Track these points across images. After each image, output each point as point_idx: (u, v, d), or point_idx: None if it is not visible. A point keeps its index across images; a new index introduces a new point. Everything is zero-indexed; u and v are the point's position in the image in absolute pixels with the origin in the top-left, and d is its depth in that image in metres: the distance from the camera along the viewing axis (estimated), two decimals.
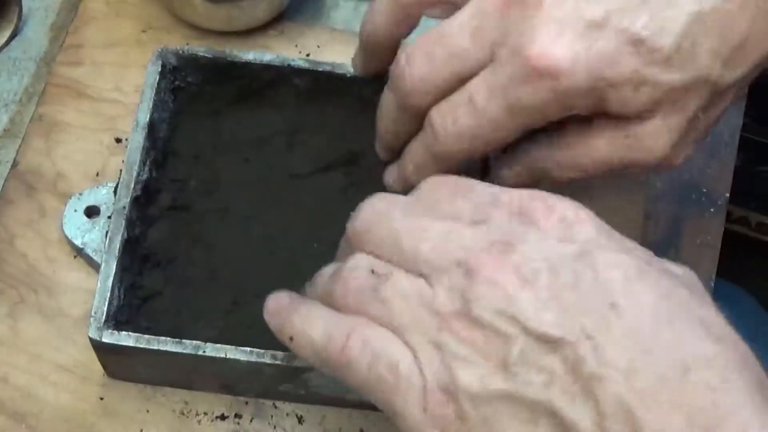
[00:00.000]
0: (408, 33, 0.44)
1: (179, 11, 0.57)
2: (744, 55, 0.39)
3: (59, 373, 0.48)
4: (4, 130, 0.55)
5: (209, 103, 0.52)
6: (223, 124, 0.51)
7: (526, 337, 0.31)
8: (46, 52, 0.57)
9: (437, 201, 0.36)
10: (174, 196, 0.49)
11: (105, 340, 0.43)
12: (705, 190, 0.57)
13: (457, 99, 0.40)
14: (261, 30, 0.58)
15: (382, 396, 0.33)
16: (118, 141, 0.54)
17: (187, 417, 0.48)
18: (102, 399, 0.48)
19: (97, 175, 0.53)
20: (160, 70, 0.49)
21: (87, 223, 0.49)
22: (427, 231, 0.34)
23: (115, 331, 0.43)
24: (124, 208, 0.46)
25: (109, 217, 0.49)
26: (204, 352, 0.43)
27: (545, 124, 0.40)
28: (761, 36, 0.39)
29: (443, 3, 0.42)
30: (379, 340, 0.33)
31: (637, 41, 0.37)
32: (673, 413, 0.29)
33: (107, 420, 0.47)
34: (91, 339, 0.43)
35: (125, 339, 0.43)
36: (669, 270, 0.33)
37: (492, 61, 0.39)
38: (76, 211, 0.50)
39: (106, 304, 0.43)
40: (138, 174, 0.47)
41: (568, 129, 0.42)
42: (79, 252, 0.50)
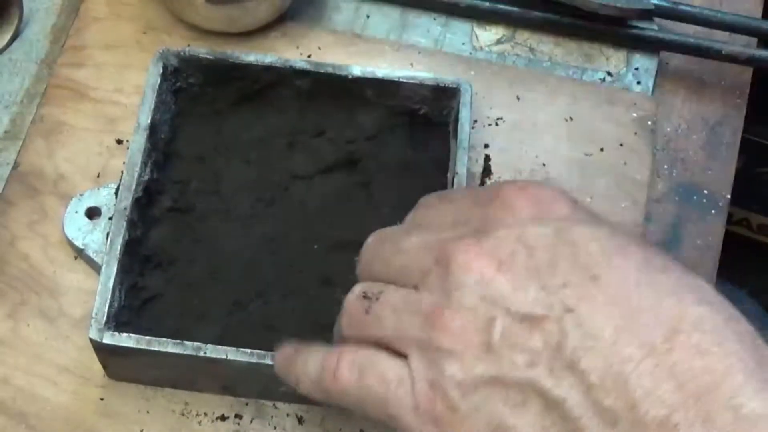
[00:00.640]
0: None
1: (180, 12, 0.57)
2: None
3: (60, 373, 0.48)
4: (5, 132, 0.55)
5: (210, 105, 0.52)
6: (225, 126, 0.52)
7: (507, 318, 0.30)
8: (47, 54, 0.57)
9: (425, 217, 0.37)
10: (175, 198, 0.49)
11: (106, 341, 0.43)
12: (706, 192, 0.57)
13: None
14: (262, 31, 0.58)
15: (378, 408, 0.33)
16: (119, 142, 0.54)
17: (188, 418, 0.48)
18: (102, 400, 0.48)
19: (98, 177, 0.53)
20: (162, 71, 0.49)
21: (88, 225, 0.50)
22: (414, 244, 0.35)
23: (116, 333, 0.43)
24: (125, 209, 0.46)
25: (110, 218, 0.49)
26: (205, 353, 0.43)
27: None
28: None
29: None
30: (367, 357, 0.34)
31: None
32: (663, 378, 0.28)
33: (107, 420, 0.47)
34: (91, 340, 0.43)
35: (126, 340, 0.43)
36: (650, 243, 0.32)
37: None
38: (77, 212, 0.50)
39: (107, 305, 0.43)
40: (139, 175, 0.47)
41: None
42: (80, 253, 0.50)
